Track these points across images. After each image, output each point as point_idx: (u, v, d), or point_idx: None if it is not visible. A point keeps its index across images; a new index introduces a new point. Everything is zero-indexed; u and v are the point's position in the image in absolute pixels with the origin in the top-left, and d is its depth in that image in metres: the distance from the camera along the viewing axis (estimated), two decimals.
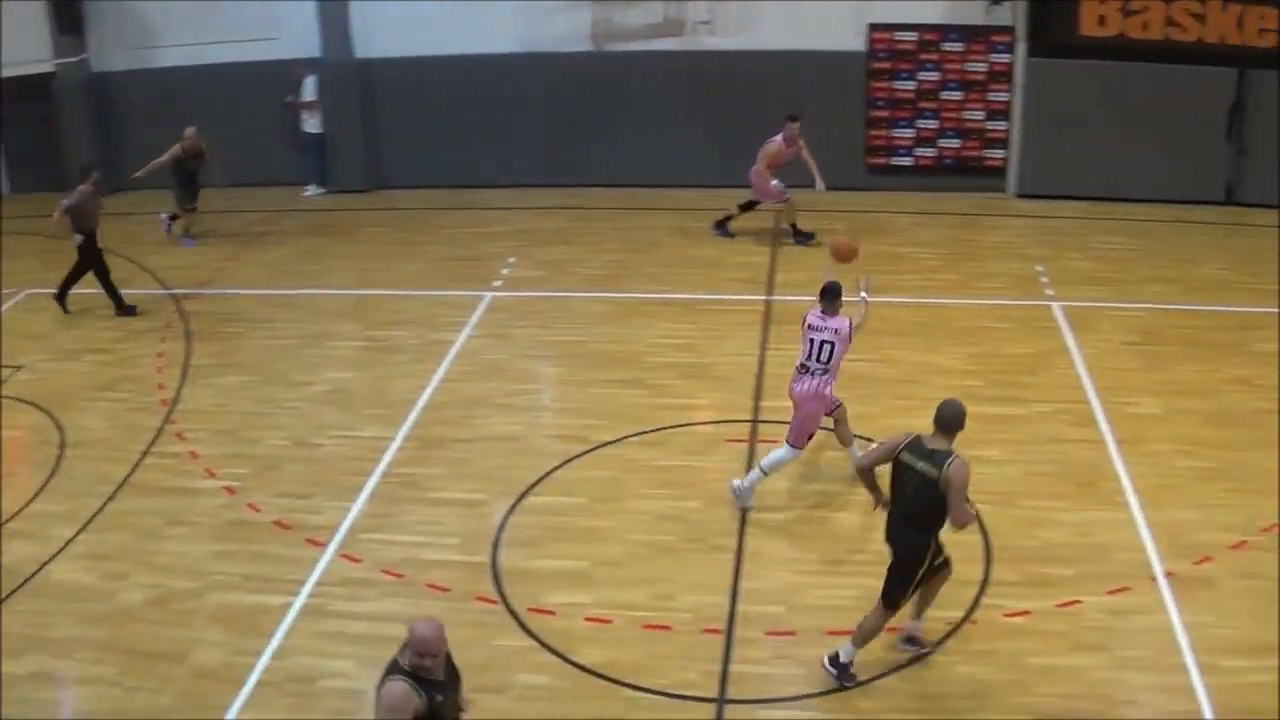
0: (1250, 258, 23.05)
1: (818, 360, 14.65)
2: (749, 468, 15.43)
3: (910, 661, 12.24)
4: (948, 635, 12.62)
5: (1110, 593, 13.38)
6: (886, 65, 25.27)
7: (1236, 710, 11.86)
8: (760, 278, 21.72)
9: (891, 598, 11.81)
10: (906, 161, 25.94)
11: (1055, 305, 20.24)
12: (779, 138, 22.82)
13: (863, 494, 14.82)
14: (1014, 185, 25.62)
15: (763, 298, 20.84)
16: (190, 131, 23.42)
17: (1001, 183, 25.76)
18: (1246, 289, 21.57)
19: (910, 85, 25.39)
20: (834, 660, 11.97)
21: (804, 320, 14.85)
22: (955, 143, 25.68)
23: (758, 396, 17.56)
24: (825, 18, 24.94)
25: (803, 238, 23.44)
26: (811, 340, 14.68)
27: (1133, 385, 17.68)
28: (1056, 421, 16.92)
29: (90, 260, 20.63)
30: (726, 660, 12.32)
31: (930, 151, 25.68)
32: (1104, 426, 16.68)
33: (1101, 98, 24.63)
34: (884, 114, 25.51)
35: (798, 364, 14.85)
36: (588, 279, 21.76)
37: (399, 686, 8.57)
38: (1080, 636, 12.72)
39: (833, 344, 14.65)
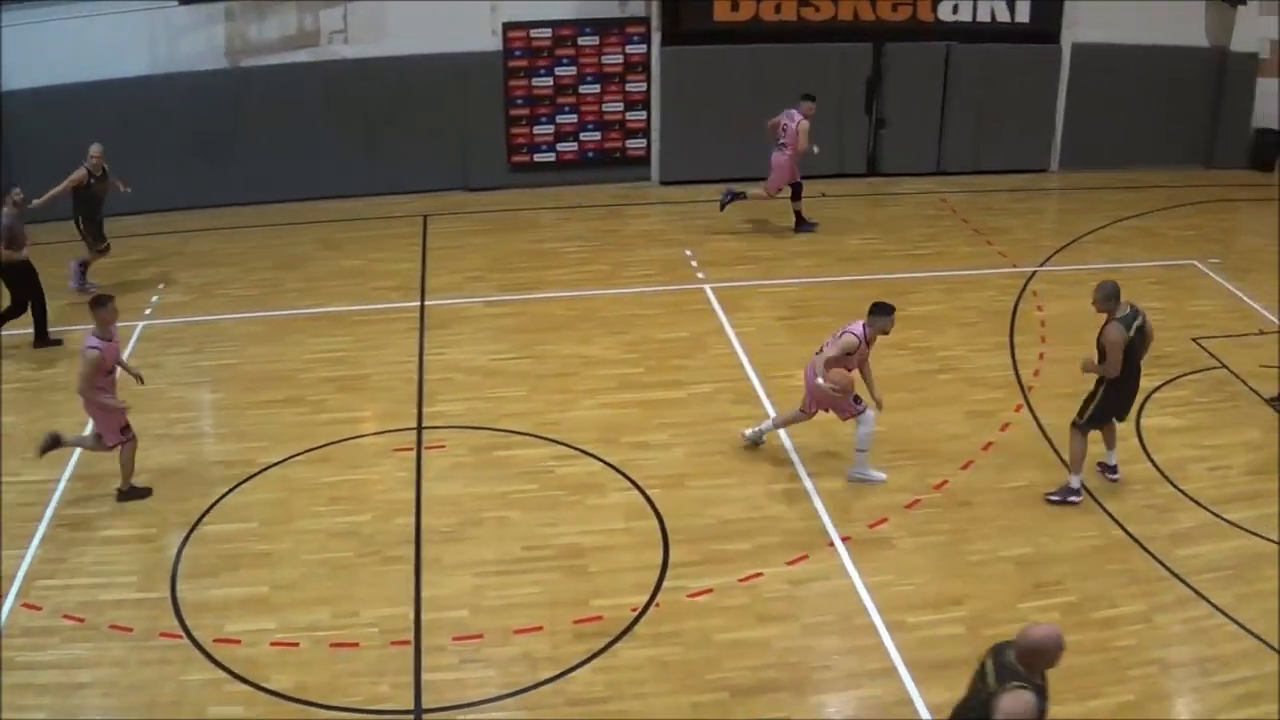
0: (895, 225, 24.01)
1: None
2: (417, 477, 15.44)
3: (600, 651, 12.33)
4: (634, 620, 12.76)
5: (790, 562, 13.75)
6: (524, 63, 25.32)
7: (928, 663, 12.36)
8: (411, 284, 21.53)
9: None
10: (549, 157, 26.04)
11: (707, 287, 20.60)
12: (804, 120, 22.91)
13: (533, 491, 14.99)
14: (657, 173, 26.00)
15: (416, 304, 20.67)
16: (96, 150, 20.82)
17: (645, 171, 26.12)
18: (894, 256, 22.46)
19: (548, 81, 25.50)
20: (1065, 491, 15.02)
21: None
22: (596, 135, 25.90)
23: (420, 403, 17.42)
24: (460, 19, 24.87)
25: (806, 226, 23.76)
26: None
27: (790, 359, 18.08)
28: (718, 401, 17.26)
29: (30, 289, 19.44)
30: (418, 670, 12.18)
31: (572, 146, 25.84)
32: (765, 402, 17.08)
33: (739, 81, 25.16)
34: (524, 111, 25.56)
35: None
36: (238, 300, 21.20)
37: (1030, 697, 8.52)
38: (765, 608, 13.04)
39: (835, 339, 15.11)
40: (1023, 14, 26.52)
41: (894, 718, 11.81)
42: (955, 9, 26.01)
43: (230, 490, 15.36)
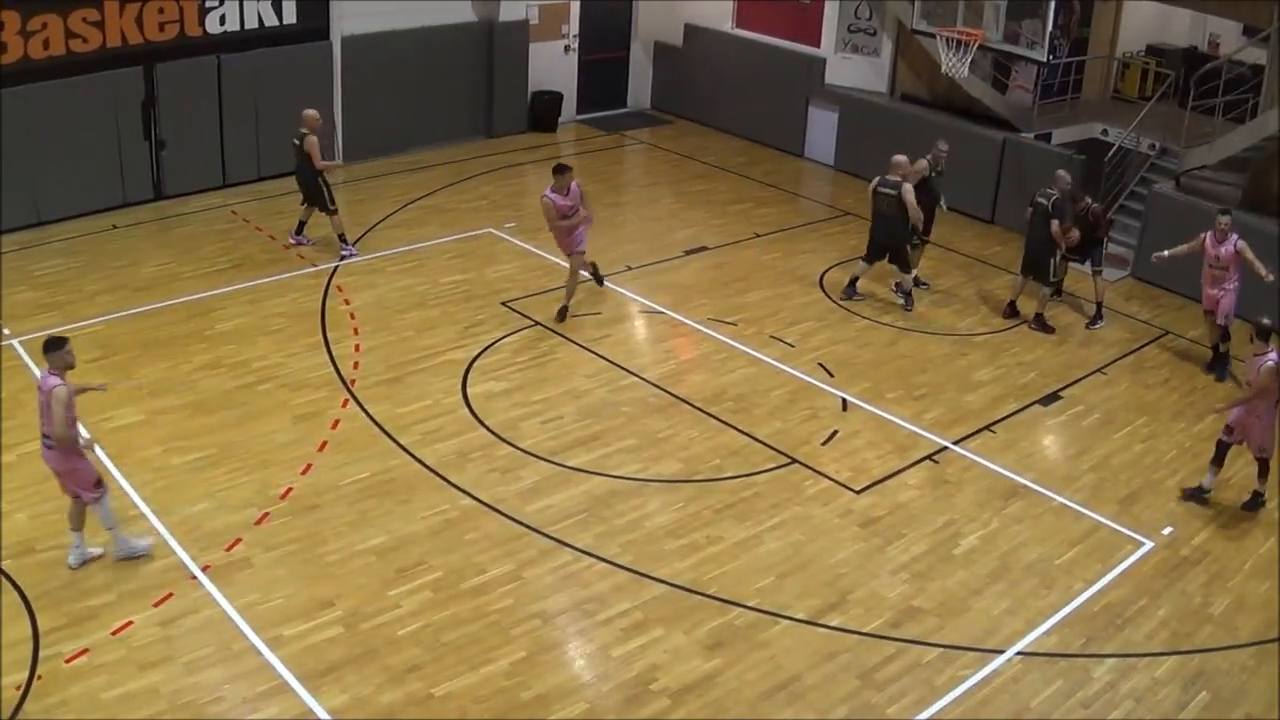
0: (189, 245, 24.02)
1: (47, 425, 14.24)
2: None
3: None
4: (22, 699, 12.54)
5: (156, 604, 13.96)
6: None
7: (317, 670, 13.02)
8: None
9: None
10: None
11: (15, 342, 19.93)
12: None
13: None
14: None
15: None
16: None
17: None
18: (192, 276, 22.55)
19: None
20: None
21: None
22: None
23: None
24: None
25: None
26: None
27: (105, 399, 17.88)
28: None
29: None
30: None
31: None
32: (95, 447, 16.80)
33: (18, 125, 24.21)
34: None
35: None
36: None
37: None
38: (143, 655, 13.18)
39: (46, 404, 14.20)
40: (290, 15, 27.22)
41: None
42: (223, 20, 26.30)
43: None
